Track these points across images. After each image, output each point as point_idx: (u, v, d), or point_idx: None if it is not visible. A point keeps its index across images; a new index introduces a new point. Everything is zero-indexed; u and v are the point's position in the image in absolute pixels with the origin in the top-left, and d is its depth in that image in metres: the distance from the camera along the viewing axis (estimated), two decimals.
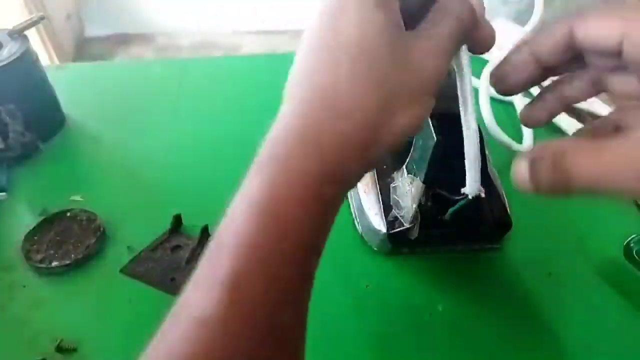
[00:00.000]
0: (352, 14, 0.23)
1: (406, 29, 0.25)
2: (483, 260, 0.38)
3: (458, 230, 0.36)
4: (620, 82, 0.25)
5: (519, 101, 0.53)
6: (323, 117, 0.22)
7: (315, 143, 0.22)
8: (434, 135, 0.30)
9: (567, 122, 0.49)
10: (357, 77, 0.23)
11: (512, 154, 0.45)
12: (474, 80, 0.53)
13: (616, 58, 0.24)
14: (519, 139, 0.48)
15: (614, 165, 0.21)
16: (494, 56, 0.56)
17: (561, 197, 0.23)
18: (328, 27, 0.24)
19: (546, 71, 0.27)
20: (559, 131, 0.48)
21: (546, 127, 0.49)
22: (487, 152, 0.40)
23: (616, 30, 0.23)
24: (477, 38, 0.26)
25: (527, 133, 0.48)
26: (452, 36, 0.25)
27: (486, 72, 0.53)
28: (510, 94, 0.28)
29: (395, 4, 0.24)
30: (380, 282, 0.37)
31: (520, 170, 0.24)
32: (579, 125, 0.49)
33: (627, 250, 0.36)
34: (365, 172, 0.24)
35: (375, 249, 0.39)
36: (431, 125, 0.30)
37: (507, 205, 0.38)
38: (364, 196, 0.39)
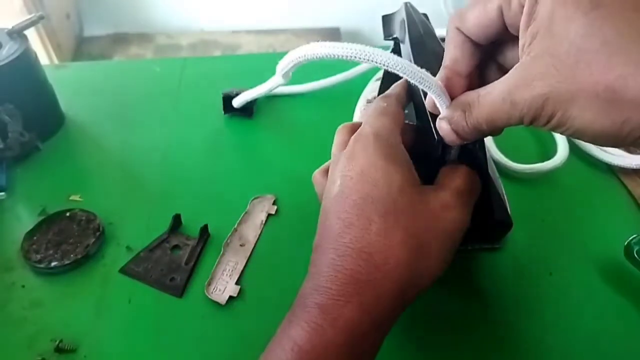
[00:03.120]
0: (376, 173, 0.27)
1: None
2: (483, 259, 0.38)
3: None
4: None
5: None
6: (360, 268, 0.25)
7: (355, 293, 0.24)
8: (435, 135, 0.30)
9: None
10: (387, 231, 0.25)
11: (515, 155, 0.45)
12: None
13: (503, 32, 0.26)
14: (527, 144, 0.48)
15: (497, 100, 0.24)
16: None
17: (478, 138, 0.27)
18: (358, 185, 0.27)
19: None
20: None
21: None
22: (487, 154, 0.40)
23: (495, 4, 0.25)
24: None
25: (562, 145, 0.46)
26: (467, 191, 0.29)
27: None
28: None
29: (405, 159, 0.28)
30: None
31: (443, 128, 0.27)
32: None
33: (628, 250, 0.36)
34: (400, 314, 0.26)
35: None
36: (432, 125, 0.30)
37: (507, 205, 0.37)
38: None
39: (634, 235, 0.36)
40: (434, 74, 0.33)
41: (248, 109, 0.52)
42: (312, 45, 0.26)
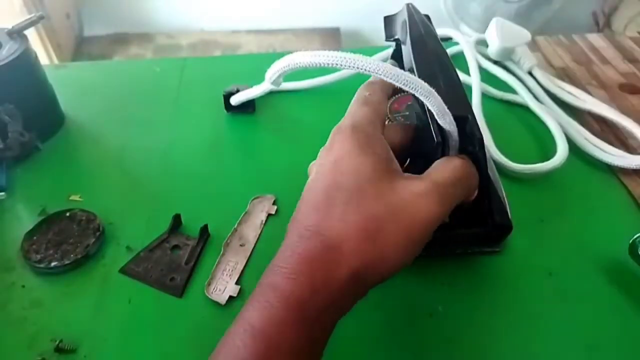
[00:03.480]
0: (348, 162, 0.27)
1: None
2: (483, 260, 0.38)
3: (458, 234, 0.35)
4: None
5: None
6: (315, 249, 0.25)
7: (307, 274, 0.24)
8: (435, 137, 0.30)
9: (566, 122, 0.49)
10: (348, 216, 0.26)
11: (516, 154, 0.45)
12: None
13: None
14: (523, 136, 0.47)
15: None
16: (493, 48, 0.56)
17: None
18: (329, 174, 0.27)
19: None
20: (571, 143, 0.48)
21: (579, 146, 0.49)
22: (487, 155, 0.40)
23: None
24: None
25: (562, 145, 0.46)
26: (450, 184, 0.28)
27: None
28: None
29: (381, 148, 0.28)
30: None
31: None
32: (580, 128, 0.49)
33: (633, 248, 0.36)
34: (356, 301, 0.26)
35: None
36: (432, 126, 0.30)
37: (507, 207, 0.37)
38: None
39: (639, 234, 0.36)
40: (435, 75, 0.33)
41: (249, 105, 0.52)
42: (295, 55, 0.27)
